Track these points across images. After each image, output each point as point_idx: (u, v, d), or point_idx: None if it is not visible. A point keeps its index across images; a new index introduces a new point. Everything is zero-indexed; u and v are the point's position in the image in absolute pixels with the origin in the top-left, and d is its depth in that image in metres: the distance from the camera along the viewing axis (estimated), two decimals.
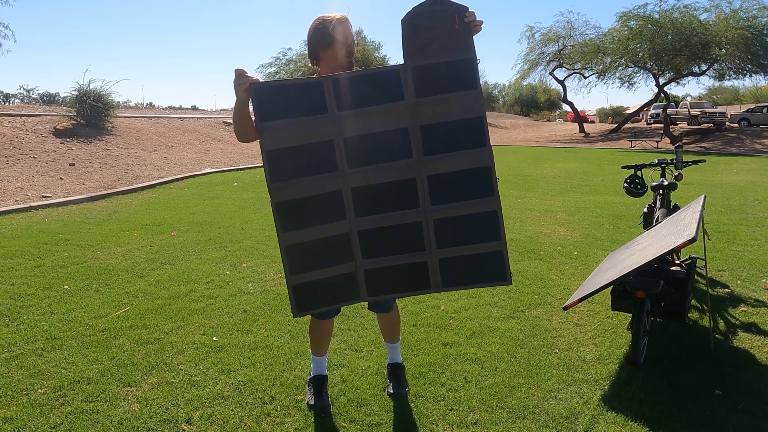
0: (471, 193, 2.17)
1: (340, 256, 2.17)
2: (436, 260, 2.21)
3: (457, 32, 2.10)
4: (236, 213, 7.27)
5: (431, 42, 2.09)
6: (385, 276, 2.21)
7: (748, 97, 50.92)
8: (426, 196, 2.17)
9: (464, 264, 2.22)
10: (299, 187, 2.10)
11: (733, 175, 12.26)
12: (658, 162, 4.74)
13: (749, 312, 3.71)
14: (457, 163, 2.15)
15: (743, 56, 23.00)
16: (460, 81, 2.11)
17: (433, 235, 2.19)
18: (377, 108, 2.11)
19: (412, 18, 2.09)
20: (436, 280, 2.23)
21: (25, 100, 49.75)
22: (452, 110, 2.12)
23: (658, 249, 2.76)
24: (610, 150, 22.28)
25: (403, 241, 2.19)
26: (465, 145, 2.14)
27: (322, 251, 2.15)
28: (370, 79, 2.12)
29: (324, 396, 2.54)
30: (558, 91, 41.14)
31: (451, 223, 2.19)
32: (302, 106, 2.07)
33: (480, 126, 2.14)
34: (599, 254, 5.17)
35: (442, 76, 2.11)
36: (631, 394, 2.66)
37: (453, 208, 2.18)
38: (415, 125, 2.13)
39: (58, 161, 10.44)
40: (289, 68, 30.73)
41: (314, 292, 2.18)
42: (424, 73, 2.11)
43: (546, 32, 32.51)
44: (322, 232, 2.14)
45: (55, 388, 2.67)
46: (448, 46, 2.10)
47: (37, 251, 5.11)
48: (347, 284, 2.21)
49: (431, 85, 2.11)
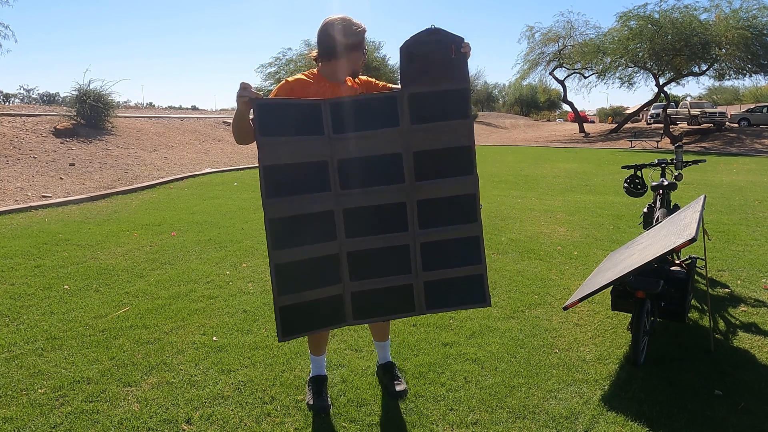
0: (456, 219, 2.26)
1: (328, 278, 2.20)
2: (421, 283, 2.28)
3: (453, 62, 2.17)
4: (236, 213, 7.27)
5: (428, 70, 2.16)
6: (371, 299, 2.25)
7: (748, 97, 50.91)
8: (415, 220, 2.23)
9: (447, 287, 2.29)
10: (293, 204, 2.12)
11: (733, 175, 12.26)
12: (658, 162, 4.74)
13: (749, 312, 3.71)
14: (445, 189, 2.23)
15: (743, 56, 23.00)
16: (453, 110, 2.19)
17: (419, 258, 2.26)
18: (373, 132, 2.17)
19: (411, 47, 2.15)
20: (420, 303, 2.29)
21: (25, 100, 49.76)
22: (444, 138, 2.20)
23: (658, 249, 2.76)
24: (610, 150, 22.28)
25: (391, 263, 2.24)
26: (454, 172, 2.22)
27: (311, 272, 2.17)
28: (368, 104, 2.17)
29: (324, 396, 2.55)
30: (558, 91, 41.15)
31: (436, 246, 2.26)
32: (300, 126, 2.11)
33: (468, 155, 2.22)
34: (599, 254, 5.17)
35: (437, 105, 2.18)
36: (631, 394, 2.66)
37: (439, 232, 2.25)
38: (409, 151, 2.19)
39: (58, 161, 10.45)
40: (289, 68, 30.72)
41: (301, 316, 2.18)
42: (420, 101, 2.17)
43: (546, 32, 32.54)
44: (312, 252, 2.16)
45: (55, 388, 2.67)
46: (444, 75, 2.17)
47: (37, 251, 5.11)
48: (334, 307, 2.23)
49: (426, 113, 2.18)
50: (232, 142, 17.31)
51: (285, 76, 30.41)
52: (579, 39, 30.90)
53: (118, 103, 14.83)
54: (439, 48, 2.15)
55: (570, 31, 31.94)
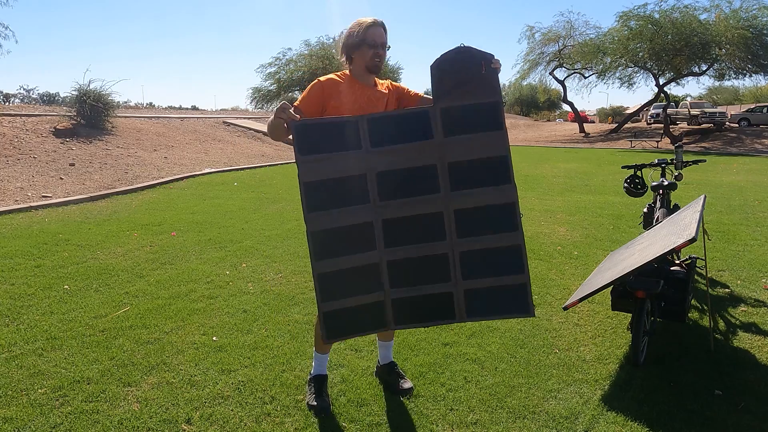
0: (495, 228, 2.26)
1: (369, 286, 2.26)
2: (461, 291, 2.29)
3: (484, 77, 2.21)
4: (236, 213, 7.27)
5: (459, 86, 2.21)
6: (412, 305, 2.29)
7: (748, 97, 50.89)
8: (452, 229, 2.26)
9: (488, 295, 2.29)
10: (333, 217, 2.19)
11: (733, 175, 12.26)
12: (658, 162, 4.74)
13: (749, 312, 3.71)
14: (482, 199, 2.25)
15: (743, 56, 22.99)
16: (486, 122, 2.22)
17: (458, 266, 2.27)
18: (407, 145, 2.22)
19: (441, 64, 2.21)
20: (461, 311, 2.29)
21: (25, 100, 49.75)
22: (478, 149, 2.23)
23: (658, 249, 2.76)
24: (610, 150, 22.28)
25: (430, 272, 2.27)
26: (490, 182, 2.24)
27: (352, 280, 2.23)
28: (402, 119, 2.24)
29: (324, 396, 2.56)
30: (558, 91, 41.12)
31: (476, 255, 2.27)
32: (338, 142, 2.19)
33: (505, 164, 2.24)
34: (599, 254, 5.16)
35: (469, 117, 2.22)
36: (631, 394, 2.66)
37: (478, 241, 2.26)
38: (444, 162, 2.23)
39: (58, 161, 10.44)
40: (289, 68, 30.69)
41: (344, 320, 2.26)
42: (452, 114, 2.22)
43: (546, 32, 32.52)
44: (353, 262, 2.23)
45: (55, 388, 2.67)
46: (476, 90, 2.21)
47: (37, 251, 5.10)
48: (376, 313, 2.28)
49: (459, 125, 2.22)
50: (233, 142, 17.32)
51: (285, 76, 30.39)
52: (579, 39, 30.88)
53: (118, 103, 14.83)
54: (470, 65, 2.20)
55: (570, 31, 31.94)
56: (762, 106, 31.92)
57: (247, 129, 20.05)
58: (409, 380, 2.72)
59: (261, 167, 13.55)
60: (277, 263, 4.86)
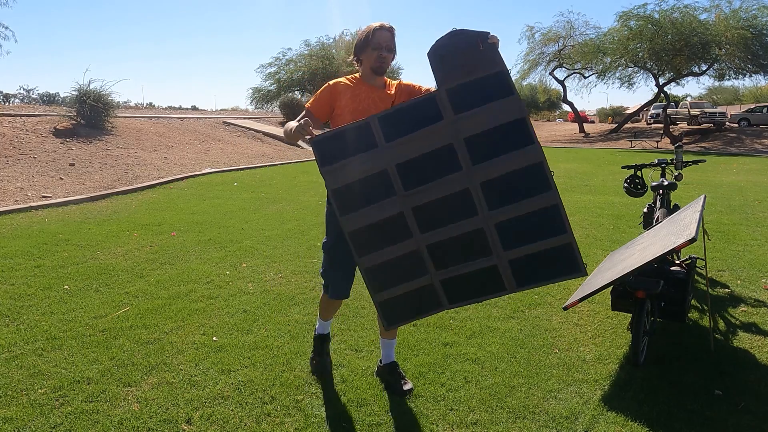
0: (527, 192, 2.22)
1: (415, 271, 2.33)
2: (505, 262, 2.28)
3: (483, 53, 2.20)
4: (236, 213, 7.27)
5: (459, 65, 2.21)
6: (460, 283, 2.33)
7: (748, 97, 50.89)
8: (482, 202, 2.25)
9: (535, 262, 2.27)
10: (365, 216, 2.29)
11: (733, 175, 12.26)
12: (658, 162, 4.74)
13: (749, 312, 3.71)
14: (506, 166, 2.22)
15: (743, 56, 23.00)
16: (495, 92, 2.21)
17: (497, 238, 2.27)
18: (419, 132, 2.24)
19: (438, 49, 2.22)
20: (510, 281, 2.29)
21: (25, 100, 49.79)
22: (492, 118, 2.21)
23: (658, 249, 2.76)
24: (610, 150, 22.28)
25: (469, 248, 2.29)
26: (512, 147, 2.21)
27: (397, 269, 2.32)
28: (410, 109, 2.27)
29: (325, 356, 2.88)
30: (558, 91, 41.12)
31: (512, 224, 2.25)
32: (354, 146, 2.27)
33: (523, 126, 2.21)
34: (599, 254, 5.17)
35: (477, 92, 2.21)
36: (631, 394, 2.66)
37: (511, 210, 2.24)
38: (459, 139, 2.23)
39: (58, 161, 10.44)
40: (289, 68, 30.69)
41: (400, 306, 2.37)
42: (459, 93, 2.22)
43: (546, 32, 32.51)
44: (393, 252, 2.31)
45: (55, 388, 2.67)
46: (477, 66, 2.20)
47: (37, 251, 5.10)
48: (428, 296, 2.35)
49: (467, 101, 2.21)
50: (233, 142, 17.32)
51: (285, 76, 30.39)
52: (579, 39, 30.89)
53: (118, 103, 14.82)
54: (467, 45, 2.20)
55: (570, 31, 31.93)
56: (762, 106, 31.93)
57: (247, 129, 20.05)
58: (409, 382, 2.72)
59: (261, 167, 13.55)
60: (277, 263, 4.86)
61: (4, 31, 17.92)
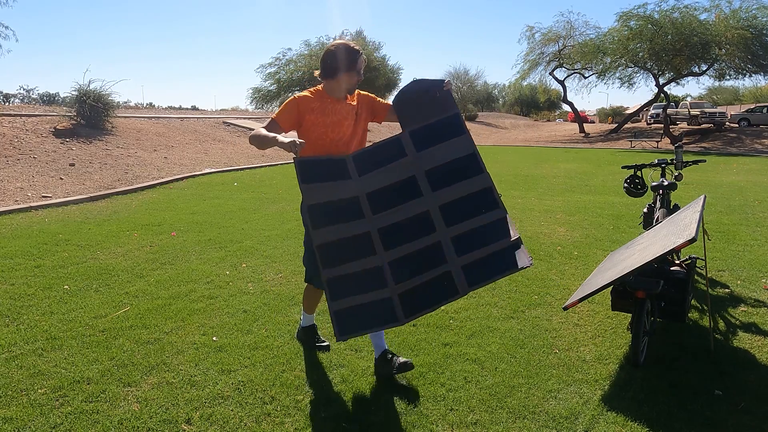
0: (479, 210, 2.56)
1: (375, 284, 2.50)
2: (458, 267, 2.50)
3: (439, 99, 2.63)
4: (236, 213, 7.27)
5: (419, 111, 2.62)
6: (417, 294, 2.48)
7: (748, 97, 50.91)
8: (441, 221, 2.56)
9: (483, 263, 2.49)
10: (334, 231, 2.52)
11: (733, 175, 12.26)
12: (658, 162, 4.74)
13: (749, 312, 3.71)
14: (462, 191, 2.58)
15: (743, 56, 23.00)
16: (450, 131, 2.61)
17: (452, 248, 2.52)
18: (388, 166, 2.61)
19: (401, 96, 2.66)
20: (462, 284, 2.46)
21: (25, 100, 49.78)
22: (448, 153, 2.60)
23: (658, 249, 2.76)
24: (610, 150, 22.29)
25: (428, 260, 2.52)
26: (465, 176, 2.59)
27: (358, 281, 2.49)
28: (379, 149, 2.65)
29: (321, 339, 3.13)
30: (558, 91, 41.14)
31: (466, 236, 2.54)
32: (332, 174, 2.58)
33: (474, 159, 2.60)
34: (599, 254, 5.17)
35: (435, 131, 2.62)
36: (631, 394, 2.66)
37: (466, 225, 2.55)
38: (421, 171, 2.61)
39: (58, 161, 10.44)
40: (289, 68, 30.70)
41: (355, 318, 2.45)
42: (420, 134, 2.62)
43: (546, 32, 32.54)
44: (356, 267, 2.51)
45: (55, 388, 2.67)
46: (434, 111, 2.62)
47: (37, 251, 5.10)
48: (385, 310, 2.47)
49: (427, 140, 2.61)
50: (233, 142, 17.31)
51: (285, 76, 30.39)
52: (579, 39, 30.90)
53: (118, 103, 14.81)
54: (425, 92, 2.62)
55: (570, 31, 31.96)
56: (762, 106, 31.92)
57: (247, 129, 20.05)
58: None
59: (261, 167, 13.55)
60: (277, 263, 4.86)
61: (5, 30, 17.91)
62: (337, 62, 2.71)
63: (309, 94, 2.77)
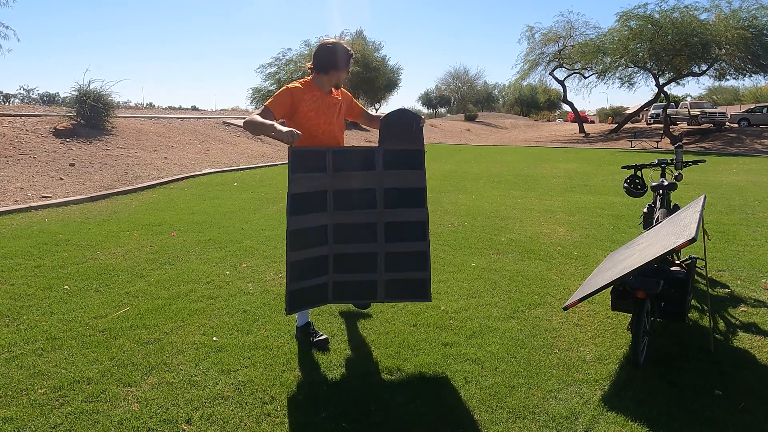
0: (411, 238, 3.06)
1: (321, 271, 2.99)
2: (383, 280, 3.07)
3: (414, 132, 3.03)
4: (236, 213, 7.27)
5: (397, 135, 3.02)
6: (347, 287, 3.06)
7: (748, 97, 50.93)
8: (382, 235, 3.04)
9: (401, 285, 3.09)
10: (303, 220, 2.86)
11: (733, 175, 12.26)
12: (658, 162, 4.74)
13: (749, 312, 3.71)
14: (404, 217, 3.05)
15: (743, 56, 23.02)
16: (413, 163, 3.03)
17: (383, 262, 3.05)
18: (358, 173, 2.97)
19: (388, 117, 3.03)
20: (381, 294, 3.09)
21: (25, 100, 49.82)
22: (405, 181, 3.03)
23: (658, 249, 2.76)
24: (610, 150, 22.29)
25: (363, 264, 3.04)
26: (411, 205, 3.05)
27: (310, 266, 2.93)
28: (356, 153, 2.99)
29: (318, 333, 3.18)
30: (558, 91, 41.13)
31: (396, 256, 3.06)
32: (316, 166, 2.87)
33: (421, 194, 3.06)
34: (599, 254, 5.17)
35: (401, 158, 3.02)
36: (631, 394, 2.66)
37: (398, 246, 3.06)
38: (381, 187, 3.01)
39: (58, 161, 10.44)
40: (289, 68, 30.73)
41: (302, 297, 2.94)
42: (390, 154, 3.01)
43: (546, 32, 32.58)
44: (312, 253, 2.93)
45: (55, 388, 2.67)
46: (408, 140, 3.03)
47: (37, 251, 5.11)
48: (322, 291, 3.02)
49: (394, 163, 3.01)
50: (233, 142, 17.31)
51: (284, 76, 30.43)
52: (579, 39, 30.92)
53: (118, 103, 14.80)
54: (405, 122, 3.02)
55: (570, 31, 32.00)
56: (762, 106, 31.93)
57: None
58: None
59: (261, 167, 13.55)
60: (277, 263, 4.86)
61: (5, 30, 17.91)
62: (335, 59, 2.95)
63: (300, 85, 2.97)
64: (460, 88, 66.21)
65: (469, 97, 63.77)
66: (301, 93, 2.93)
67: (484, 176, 12.04)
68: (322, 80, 3.01)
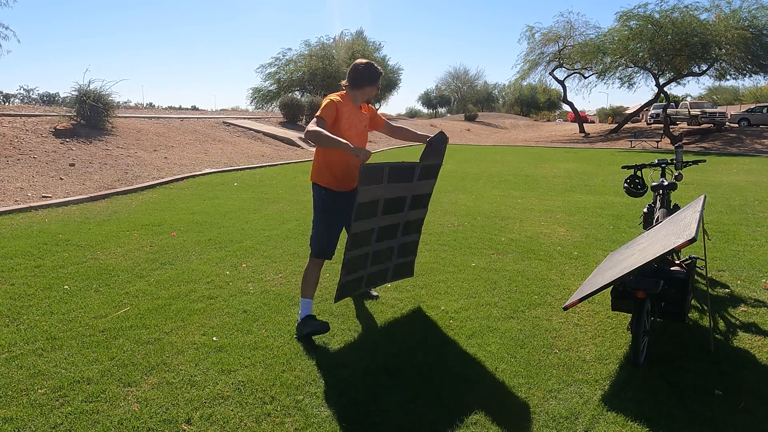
0: (413, 231, 3.79)
1: (363, 265, 3.50)
2: (393, 266, 3.82)
3: (442, 150, 3.58)
4: (236, 213, 7.27)
5: (434, 154, 3.52)
6: (372, 276, 3.67)
7: (748, 97, 50.93)
8: (400, 232, 3.65)
9: (400, 268, 3.90)
10: (363, 225, 3.26)
11: (733, 175, 12.26)
12: (658, 162, 4.74)
13: (749, 312, 3.71)
14: (415, 216, 3.68)
15: (743, 56, 23.01)
16: (433, 173, 3.61)
17: (395, 253, 3.75)
18: (402, 184, 3.38)
19: (433, 140, 3.54)
20: (389, 277, 3.87)
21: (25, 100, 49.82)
22: (425, 188, 3.60)
23: (658, 249, 2.76)
24: (610, 150, 22.29)
25: (387, 256, 3.68)
26: (420, 206, 3.68)
27: (358, 262, 3.42)
28: (406, 167, 3.34)
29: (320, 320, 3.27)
30: (558, 91, 41.13)
31: (403, 246, 3.78)
32: (378, 179, 3.19)
33: (428, 198, 3.71)
34: (599, 254, 5.17)
35: (429, 171, 3.55)
36: (631, 394, 2.66)
37: (406, 239, 3.76)
38: (411, 195, 3.51)
39: (58, 161, 10.44)
40: (289, 68, 30.71)
41: (349, 288, 3.48)
42: (425, 168, 3.48)
43: (546, 32, 32.55)
44: (361, 251, 3.40)
45: (55, 388, 2.67)
46: (436, 156, 3.55)
47: (37, 251, 5.10)
48: (359, 283, 3.58)
49: (424, 174, 3.51)
50: (232, 142, 17.31)
51: (285, 76, 30.42)
52: (579, 39, 30.91)
53: (118, 103, 14.78)
54: (442, 143, 3.56)
55: (570, 31, 31.97)
56: (762, 106, 31.93)
57: (247, 129, 20.05)
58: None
59: (261, 167, 13.55)
60: (277, 263, 4.86)
61: (5, 31, 17.91)
62: (368, 75, 3.30)
63: (339, 98, 3.28)
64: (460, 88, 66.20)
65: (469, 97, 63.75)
66: (341, 106, 3.24)
67: (484, 176, 12.04)
68: (355, 95, 3.34)
